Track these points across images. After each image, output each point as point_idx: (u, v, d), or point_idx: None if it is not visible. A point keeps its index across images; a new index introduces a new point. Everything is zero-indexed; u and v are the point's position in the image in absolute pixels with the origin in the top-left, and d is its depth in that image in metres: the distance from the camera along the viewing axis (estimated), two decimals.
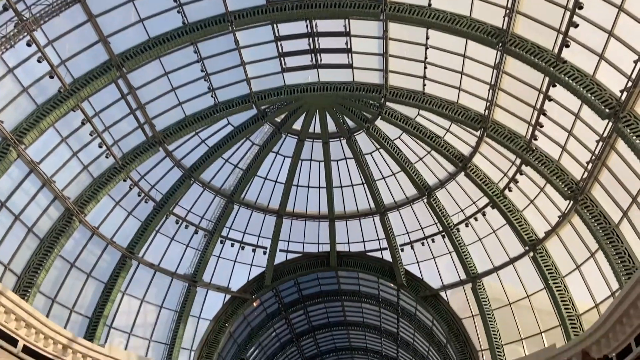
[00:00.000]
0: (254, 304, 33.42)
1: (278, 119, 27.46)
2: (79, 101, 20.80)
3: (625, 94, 16.00)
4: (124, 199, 25.82)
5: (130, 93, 22.58)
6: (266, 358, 38.80)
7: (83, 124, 21.79)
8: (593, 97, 16.84)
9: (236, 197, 29.47)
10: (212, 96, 24.80)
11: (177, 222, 28.50)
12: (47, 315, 21.73)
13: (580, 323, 21.66)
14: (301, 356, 41.87)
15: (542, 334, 23.52)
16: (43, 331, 20.61)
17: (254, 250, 31.50)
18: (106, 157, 23.51)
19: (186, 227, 28.86)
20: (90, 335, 24.34)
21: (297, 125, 27.86)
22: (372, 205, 30.23)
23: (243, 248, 31.13)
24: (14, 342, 19.34)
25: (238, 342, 34.23)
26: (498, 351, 24.98)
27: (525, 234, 23.92)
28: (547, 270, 22.98)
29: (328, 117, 27.04)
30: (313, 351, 42.39)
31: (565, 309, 22.11)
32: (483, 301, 26.37)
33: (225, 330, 31.15)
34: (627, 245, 17.85)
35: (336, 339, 41.51)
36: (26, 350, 19.75)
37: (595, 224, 18.85)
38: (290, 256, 32.52)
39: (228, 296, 31.62)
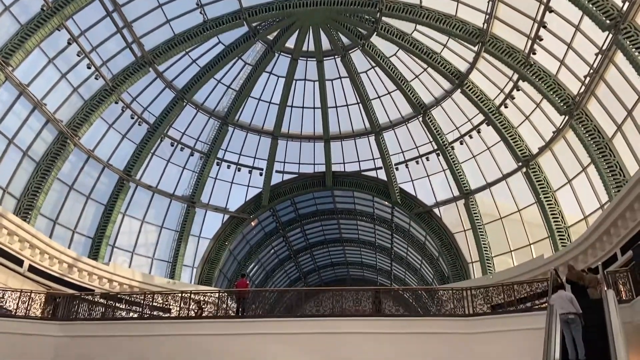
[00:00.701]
0: (252, 224, 34.29)
1: (270, 37, 26.63)
2: (64, 19, 20.01)
3: (627, 4, 15.52)
4: (118, 122, 25.61)
5: (116, 10, 21.69)
6: (266, 273, 40.44)
7: (69, 43, 21.10)
8: (594, 8, 16.36)
9: (230, 119, 29.26)
10: (200, 12, 23.84)
11: (172, 145, 28.51)
12: (50, 237, 22.28)
13: (568, 235, 22.48)
14: (299, 271, 43.67)
15: (531, 245, 24.44)
16: (47, 251, 21.24)
17: (250, 172, 31.79)
18: (95, 78, 22.99)
19: (182, 149, 28.91)
20: (94, 254, 25.09)
21: (290, 44, 27.08)
22: (367, 125, 30.16)
23: (239, 170, 31.38)
24: (19, 262, 20.00)
25: (238, 259, 35.50)
26: (488, 262, 26.08)
27: (519, 150, 24.16)
28: (538, 185, 23.48)
29: (322, 34, 26.22)
30: (310, 266, 44.16)
31: (555, 221, 22.84)
32: (475, 216, 27.14)
33: (225, 248, 32.16)
34: (619, 158, 18.12)
35: (332, 255, 43.10)
36: (32, 269, 20.47)
37: (589, 138, 19.00)
38: (287, 177, 32.90)
39: (227, 216, 32.33)
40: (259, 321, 15.70)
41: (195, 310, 18.17)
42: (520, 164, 24.45)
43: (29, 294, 16.93)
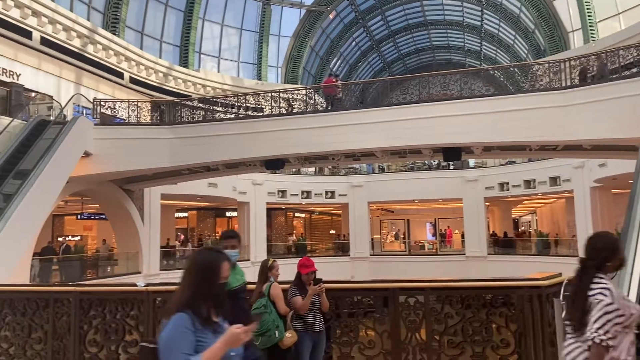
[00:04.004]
0: (330, 16, 32.96)
1: None
2: None
3: None
4: None
5: None
6: (349, 67, 40.19)
7: None
8: None
9: None
10: None
11: None
12: (141, 48, 23.16)
13: None
14: (383, 61, 42.82)
15: None
16: (142, 62, 22.38)
17: None
18: None
19: None
20: (184, 62, 26.06)
21: None
22: None
23: None
24: (120, 74, 21.40)
25: (320, 55, 35.25)
26: (591, 29, 23.58)
27: None
28: None
29: None
30: (394, 55, 42.95)
31: None
32: None
33: (306, 45, 31.81)
34: None
35: (417, 41, 41.20)
36: (133, 80, 21.94)
37: None
38: None
39: (303, 11, 31.18)
40: (345, 113, 16.12)
41: (286, 108, 18.99)
42: None
43: (136, 103, 18.45)
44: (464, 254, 27.43)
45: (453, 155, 15.87)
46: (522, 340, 4.72)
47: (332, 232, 35.59)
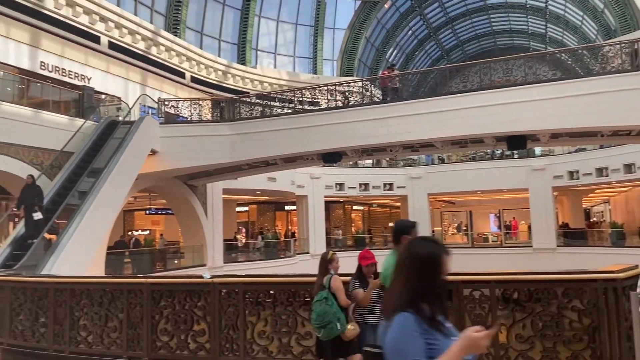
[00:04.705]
0: (386, 6, 32.52)
1: None
2: None
3: None
4: None
5: None
6: (405, 57, 39.52)
7: None
8: None
9: None
10: None
11: None
12: (200, 48, 23.86)
13: None
14: (440, 49, 41.78)
15: None
16: (202, 62, 23.07)
17: None
18: None
19: None
20: (241, 60, 26.60)
21: None
22: None
23: None
24: (181, 74, 22.16)
25: (375, 46, 34.87)
26: None
27: None
28: None
29: None
30: (452, 42, 41.79)
31: None
32: None
33: (362, 36, 31.57)
34: None
35: (476, 26, 39.85)
36: (193, 80, 22.67)
37: None
38: None
39: (358, 2, 30.96)
40: (403, 104, 15.86)
41: (342, 101, 18.96)
42: None
43: (197, 101, 19.04)
44: (531, 246, 26.40)
45: (518, 143, 15.27)
46: (597, 335, 4.50)
47: (391, 224, 35.27)
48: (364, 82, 19.28)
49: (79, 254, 11.20)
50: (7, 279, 7.85)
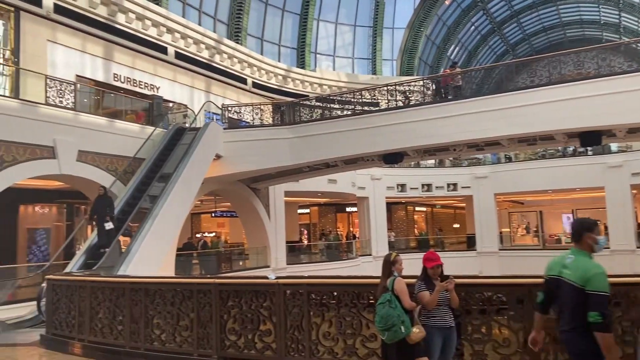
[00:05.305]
0: (446, 2, 31.81)
1: None
2: None
3: None
4: None
5: None
6: (468, 53, 38.46)
7: None
8: None
9: None
10: None
11: None
12: (261, 54, 24.39)
13: None
14: (505, 44, 40.29)
15: None
16: (262, 67, 23.57)
17: None
18: None
19: None
20: (300, 63, 26.92)
21: None
22: None
23: None
24: (243, 80, 22.74)
25: (436, 44, 34.18)
26: None
27: None
28: None
29: None
30: (518, 36, 40.19)
31: None
32: None
33: (422, 34, 31.06)
34: None
35: (543, 19, 38.10)
36: (255, 85, 23.19)
37: None
38: None
39: (417, 1, 30.49)
40: (466, 102, 15.39)
41: (403, 100, 18.70)
42: None
43: (259, 106, 19.45)
44: (608, 248, 24.85)
45: (592, 139, 14.42)
46: None
47: (456, 225, 34.37)
48: (425, 81, 18.93)
49: (151, 255, 11.71)
50: (88, 279, 8.33)
